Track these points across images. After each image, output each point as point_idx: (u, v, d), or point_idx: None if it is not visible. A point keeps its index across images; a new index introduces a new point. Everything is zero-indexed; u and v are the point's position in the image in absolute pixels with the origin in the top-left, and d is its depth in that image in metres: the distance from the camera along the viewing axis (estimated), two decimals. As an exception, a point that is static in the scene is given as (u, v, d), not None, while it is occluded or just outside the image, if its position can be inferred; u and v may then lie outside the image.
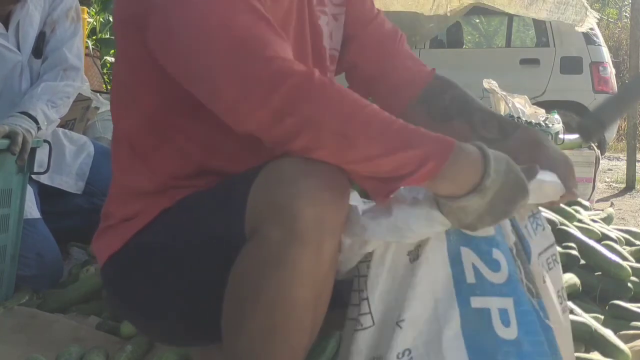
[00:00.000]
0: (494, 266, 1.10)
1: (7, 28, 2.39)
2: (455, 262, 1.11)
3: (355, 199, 1.15)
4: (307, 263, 1.07)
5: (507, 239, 1.13)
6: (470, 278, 1.10)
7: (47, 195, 2.50)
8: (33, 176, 2.29)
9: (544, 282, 1.18)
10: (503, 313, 1.09)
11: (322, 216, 1.07)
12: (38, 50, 2.44)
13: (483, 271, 1.10)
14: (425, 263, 1.10)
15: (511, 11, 6.06)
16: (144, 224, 1.29)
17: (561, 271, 1.22)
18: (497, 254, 1.10)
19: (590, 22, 5.97)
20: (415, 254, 1.12)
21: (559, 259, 1.22)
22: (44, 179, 2.45)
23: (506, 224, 1.14)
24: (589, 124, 1.28)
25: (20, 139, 2.08)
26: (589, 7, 6.06)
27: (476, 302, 1.09)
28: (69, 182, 2.57)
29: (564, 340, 1.20)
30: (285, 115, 1.06)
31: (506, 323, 1.08)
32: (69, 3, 2.51)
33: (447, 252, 1.11)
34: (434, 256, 1.11)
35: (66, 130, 2.70)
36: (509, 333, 1.08)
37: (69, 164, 2.58)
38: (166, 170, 1.29)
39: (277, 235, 1.07)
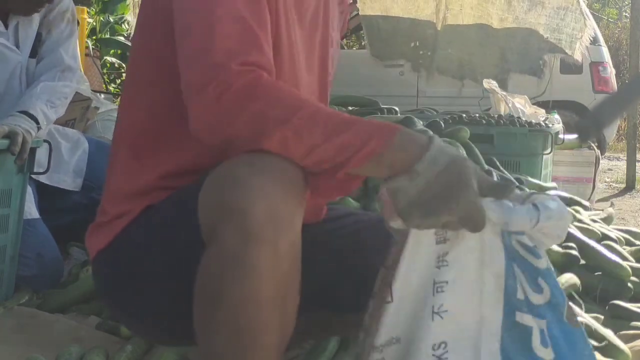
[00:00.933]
0: (537, 289, 1.10)
1: (6, 27, 2.39)
2: (510, 275, 1.10)
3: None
4: (265, 261, 1.05)
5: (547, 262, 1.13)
6: (521, 294, 1.10)
7: (45, 194, 2.50)
8: (33, 176, 2.29)
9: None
10: (542, 333, 1.09)
11: (274, 211, 1.05)
12: (33, 51, 2.44)
13: (527, 290, 1.10)
14: (457, 249, 1.10)
15: (509, 21, 6.07)
16: (129, 220, 1.30)
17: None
18: (541, 282, 1.10)
19: (589, 32, 5.99)
20: (442, 236, 1.10)
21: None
22: (42, 178, 2.44)
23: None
24: (587, 124, 1.28)
25: (20, 139, 2.08)
26: (588, 13, 6.07)
27: (521, 317, 1.10)
28: (67, 180, 2.57)
29: None
30: (234, 113, 1.09)
31: (545, 344, 1.09)
32: (66, 4, 2.51)
33: (504, 260, 1.11)
34: (468, 248, 1.10)
35: (59, 127, 2.68)
36: (546, 353, 1.09)
37: (66, 161, 2.58)
38: (159, 170, 1.30)
39: (231, 236, 1.05)
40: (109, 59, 6.38)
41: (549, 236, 1.12)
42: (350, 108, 3.99)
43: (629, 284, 2.30)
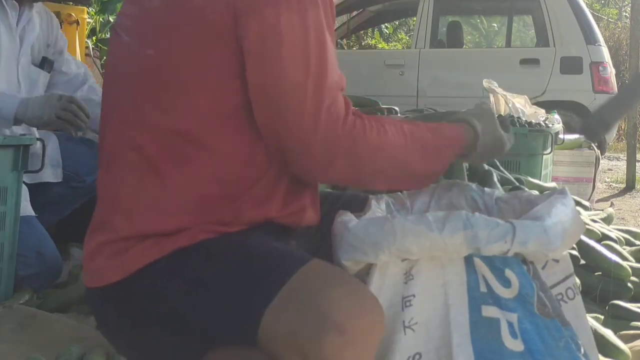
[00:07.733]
0: (505, 282, 1.11)
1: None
2: (470, 270, 1.12)
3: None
4: None
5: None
6: (483, 287, 1.12)
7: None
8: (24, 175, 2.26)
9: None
10: (511, 325, 1.10)
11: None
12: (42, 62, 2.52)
13: (492, 284, 1.11)
14: (420, 260, 1.11)
15: None
16: (153, 259, 1.15)
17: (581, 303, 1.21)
18: (509, 273, 1.11)
19: None
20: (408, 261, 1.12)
21: (576, 291, 1.20)
22: (25, 178, 2.40)
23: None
24: (593, 124, 1.28)
25: None
26: None
27: (487, 311, 1.11)
28: (48, 173, 2.54)
29: None
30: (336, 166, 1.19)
31: (514, 335, 1.10)
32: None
33: (463, 260, 1.12)
34: (430, 256, 1.11)
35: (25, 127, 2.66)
36: (516, 345, 1.10)
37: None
38: (190, 190, 1.17)
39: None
40: (109, 59, 6.38)
41: (532, 256, 1.12)
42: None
43: (629, 284, 2.30)
